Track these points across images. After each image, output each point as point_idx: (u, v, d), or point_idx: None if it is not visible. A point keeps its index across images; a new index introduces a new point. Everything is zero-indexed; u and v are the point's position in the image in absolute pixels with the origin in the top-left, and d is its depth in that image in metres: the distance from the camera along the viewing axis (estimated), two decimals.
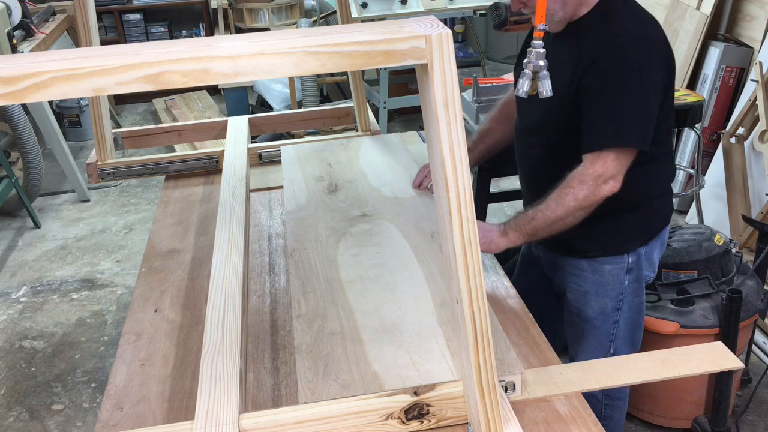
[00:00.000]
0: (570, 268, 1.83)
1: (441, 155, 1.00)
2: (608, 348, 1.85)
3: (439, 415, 1.22)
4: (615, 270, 1.77)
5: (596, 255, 1.77)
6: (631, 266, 1.78)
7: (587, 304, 1.82)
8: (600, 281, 1.78)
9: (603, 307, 1.81)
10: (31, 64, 0.87)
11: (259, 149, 2.41)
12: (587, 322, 1.84)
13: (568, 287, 1.84)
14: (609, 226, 1.72)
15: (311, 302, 1.58)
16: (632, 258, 1.77)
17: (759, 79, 3.26)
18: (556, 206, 1.59)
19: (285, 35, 0.99)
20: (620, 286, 1.79)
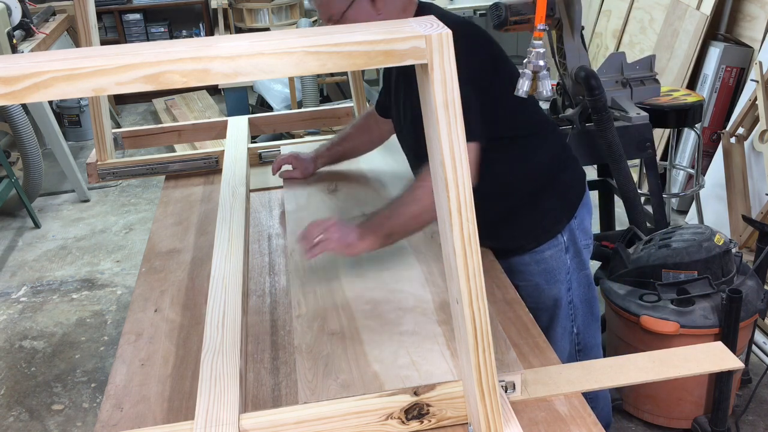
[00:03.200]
0: (516, 267, 1.85)
1: (441, 155, 1.00)
2: (571, 329, 1.90)
3: (439, 415, 1.22)
4: (555, 253, 1.82)
5: (534, 246, 1.82)
6: (568, 244, 1.82)
7: (541, 294, 1.86)
8: (546, 269, 1.82)
9: (556, 292, 1.85)
10: (31, 64, 0.87)
11: (259, 149, 2.41)
12: (546, 311, 1.87)
13: (519, 286, 1.84)
14: (534, 217, 1.79)
15: (311, 302, 1.58)
16: (566, 236, 1.82)
17: (759, 79, 3.26)
18: (411, 202, 1.58)
19: (285, 35, 0.99)
20: (564, 267, 1.84)
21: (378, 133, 2.11)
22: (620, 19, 4.51)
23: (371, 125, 2.09)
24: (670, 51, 3.95)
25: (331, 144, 2.16)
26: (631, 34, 4.41)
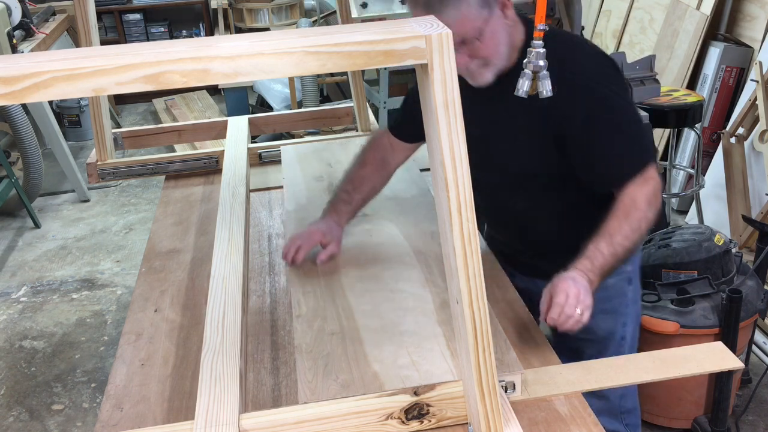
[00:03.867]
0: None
1: (441, 155, 1.00)
2: None
3: (439, 415, 1.22)
4: (618, 283, 1.70)
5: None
6: (631, 275, 1.73)
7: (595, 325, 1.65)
8: (605, 297, 1.61)
9: (611, 325, 1.72)
10: (31, 64, 0.87)
11: (259, 149, 2.41)
12: (595, 344, 1.72)
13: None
14: None
15: (311, 302, 1.58)
16: (631, 267, 1.72)
17: (759, 79, 3.26)
18: (632, 233, 1.45)
19: (285, 35, 0.99)
20: (624, 298, 1.73)
21: (395, 164, 1.85)
22: (620, 19, 4.51)
23: (387, 159, 1.82)
24: (670, 51, 3.94)
25: (347, 196, 1.80)
26: (631, 34, 4.41)
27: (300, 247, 1.70)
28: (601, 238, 1.44)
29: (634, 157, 1.50)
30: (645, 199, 1.47)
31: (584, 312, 1.36)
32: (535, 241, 1.75)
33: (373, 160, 1.81)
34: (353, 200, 1.79)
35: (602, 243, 1.43)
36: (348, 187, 1.79)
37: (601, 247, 1.43)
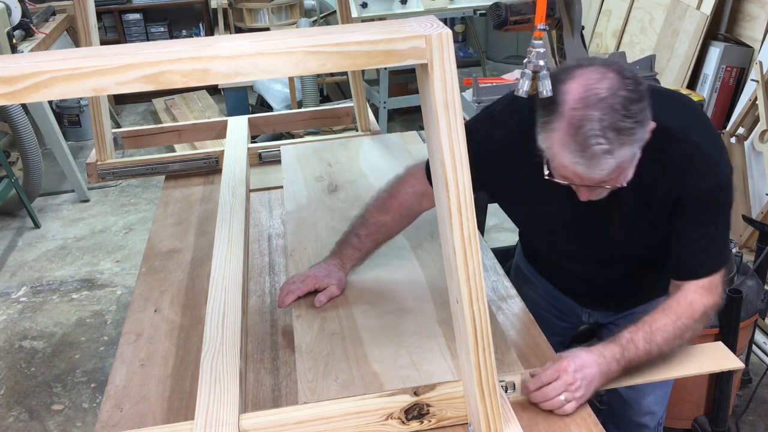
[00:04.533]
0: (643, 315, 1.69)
1: (441, 155, 1.00)
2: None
3: (439, 415, 1.22)
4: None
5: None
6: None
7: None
8: None
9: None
10: (30, 64, 0.87)
11: (259, 149, 2.41)
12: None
13: None
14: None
15: (311, 302, 1.57)
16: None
17: (759, 79, 3.26)
18: (674, 339, 1.34)
19: (285, 35, 0.99)
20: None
21: (421, 212, 1.64)
22: (620, 19, 4.51)
23: (414, 208, 1.62)
24: (670, 51, 3.94)
25: (359, 241, 1.62)
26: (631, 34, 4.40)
27: (290, 292, 1.57)
28: (640, 329, 1.33)
29: (713, 257, 1.39)
30: (702, 310, 1.36)
31: (570, 402, 1.25)
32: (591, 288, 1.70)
33: (398, 208, 1.61)
34: (364, 247, 1.61)
35: (640, 336, 1.32)
36: (362, 232, 1.61)
37: (637, 339, 1.32)
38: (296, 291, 1.57)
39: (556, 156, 1.25)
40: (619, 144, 1.20)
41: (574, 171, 1.24)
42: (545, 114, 1.26)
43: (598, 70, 1.23)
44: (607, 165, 1.22)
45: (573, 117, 1.21)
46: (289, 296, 1.57)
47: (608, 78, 1.21)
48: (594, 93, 1.20)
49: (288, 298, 1.57)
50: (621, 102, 1.19)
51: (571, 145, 1.21)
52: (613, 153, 1.20)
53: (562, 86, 1.24)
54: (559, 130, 1.23)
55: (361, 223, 1.62)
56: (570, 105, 1.22)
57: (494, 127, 1.51)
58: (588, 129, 1.19)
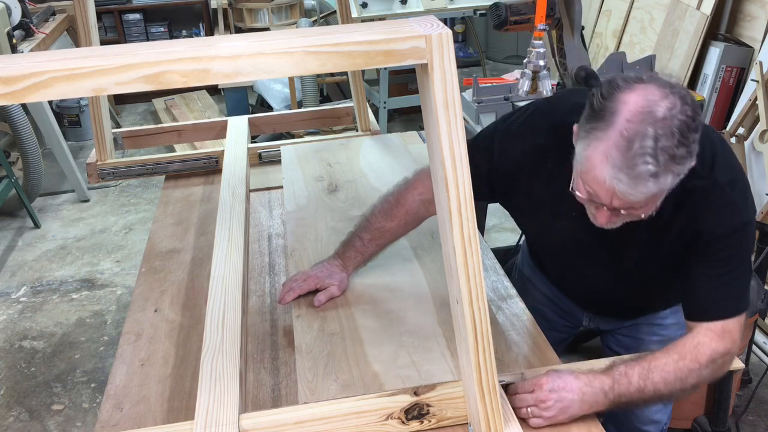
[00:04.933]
0: (647, 327, 1.68)
1: (441, 155, 1.00)
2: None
3: (439, 416, 1.22)
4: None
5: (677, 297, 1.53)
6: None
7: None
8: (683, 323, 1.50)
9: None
10: (30, 64, 0.87)
11: (259, 149, 2.41)
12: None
13: (647, 348, 1.62)
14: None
15: (311, 302, 1.57)
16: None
17: (759, 79, 3.26)
18: (674, 382, 1.27)
19: (285, 35, 0.99)
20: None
21: (427, 217, 1.62)
22: (620, 19, 4.51)
23: (420, 214, 1.60)
24: (670, 51, 3.94)
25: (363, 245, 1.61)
26: (631, 34, 4.40)
27: (291, 290, 1.58)
28: (638, 364, 1.28)
29: (727, 301, 1.32)
30: (709, 355, 1.29)
31: (536, 418, 1.23)
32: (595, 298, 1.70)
33: (403, 215, 1.59)
34: (366, 251, 1.61)
35: (636, 371, 1.27)
36: (365, 236, 1.60)
37: (632, 374, 1.26)
38: (297, 289, 1.58)
39: (595, 167, 1.16)
40: (667, 170, 1.13)
41: (610, 187, 1.15)
42: (593, 120, 1.17)
43: (661, 89, 1.15)
44: (648, 189, 1.14)
45: (627, 129, 1.12)
46: (290, 294, 1.58)
47: (670, 99, 1.13)
48: (654, 110, 1.12)
49: (288, 296, 1.58)
50: (679, 127, 1.12)
51: (617, 159, 1.13)
52: (658, 178, 1.13)
53: (619, 95, 1.15)
54: (607, 140, 1.14)
55: (365, 227, 1.61)
56: (626, 116, 1.13)
57: (513, 143, 1.45)
58: (640, 146, 1.11)
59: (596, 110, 1.16)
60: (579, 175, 1.22)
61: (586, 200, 1.24)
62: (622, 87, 1.16)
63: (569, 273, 1.66)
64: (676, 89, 1.15)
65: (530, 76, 2.13)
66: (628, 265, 1.45)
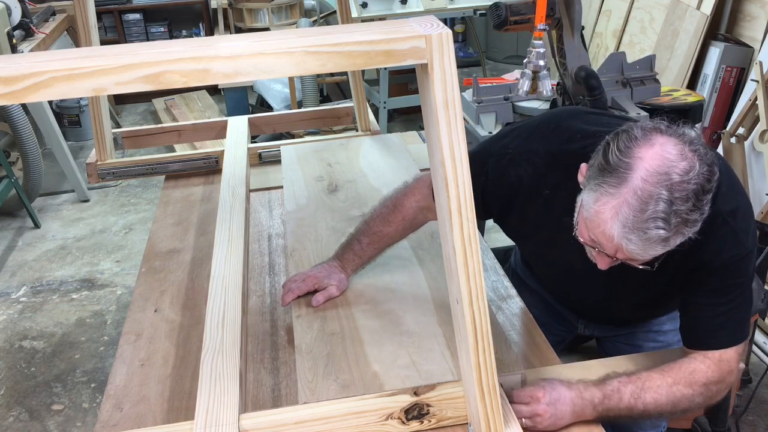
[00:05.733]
0: (645, 334, 1.68)
1: (441, 155, 1.00)
2: None
3: (439, 416, 1.22)
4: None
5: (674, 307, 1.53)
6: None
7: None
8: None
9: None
10: (30, 64, 0.87)
11: (259, 149, 2.41)
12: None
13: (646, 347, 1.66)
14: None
15: (311, 302, 1.57)
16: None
17: (759, 79, 3.26)
18: (666, 404, 1.28)
19: (285, 35, 0.99)
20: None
21: (425, 222, 1.64)
22: (620, 19, 4.51)
23: (418, 219, 1.61)
24: (670, 51, 3.94)
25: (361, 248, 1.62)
26: (631, 34, 4.40)
27: (290, 291, 1.59)
28: (631, 382, 1.27)
29: (725, 331, 1.31)
30: (703, 382, 1.28)
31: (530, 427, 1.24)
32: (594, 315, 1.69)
33: (401, 221, 1.59)
34: (365, 254, 1.62)
35: (629, 389, 1.27)
36: (364, 239, 1.61)
37: (624, 391, 1.26)
38: (296, 290, 1.59)
39: (605, 223, 1.12)
40: (677, 233, 1.11)
41: (618, 244, 1.13)
42: (606, 174, 1.13)
43: (679, 146, 1.11)
44: (656, 251, 1.13)
45: (642, 190, 1.09)
46: (289, 295, 1.58)
47: (688, 158, 1.10)
48: (671, 172, 1.08)
49: (288, 297, 1.58)
50: (695, 191, 1.09)
51: (629, 219, 1.10)
52: (668, 241, 1.11)
53: (636, 150, 1.11)
54: (620, 197, 1.10)
55: (364, 231, 1.62)
56: (642, 174, 1.09)
57: (508, 167, 1.42)
58: (654, 209, 1.08)
59: (611, 163, 1.12)
60: (585, 223, 1.20)
61: (588, 244, 1.23)
62: (639, 140, 1.12)
63: (563, 290, 1.66)
64: (694, 146, 1.12)
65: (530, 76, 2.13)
66: (625, 292, 1.44)
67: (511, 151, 1.43)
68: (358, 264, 1.63)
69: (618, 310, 1.59)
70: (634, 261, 1.19)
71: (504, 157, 1.44)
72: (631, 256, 1.16)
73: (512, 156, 1.43)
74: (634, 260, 1.18)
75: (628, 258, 1.18)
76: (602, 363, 1.39)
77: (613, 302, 1.52)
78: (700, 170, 1.10)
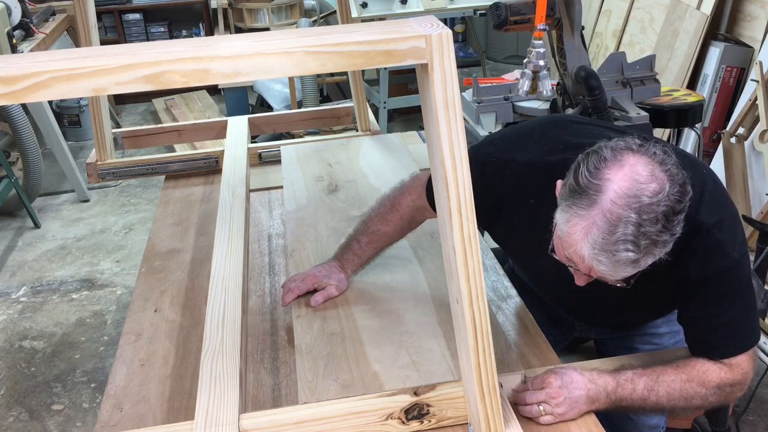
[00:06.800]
0: (641, 338, 1.66)
1: (441, 155, 1.00)
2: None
3: (439, 416, 1.22)
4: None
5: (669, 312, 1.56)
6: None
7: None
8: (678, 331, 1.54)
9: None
10: (30, 64, 0.87)
11: (259, 149, 2.41)
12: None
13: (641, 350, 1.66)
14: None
15: (310, 302, 1.57)
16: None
17: (759, 79, 3.26)
18: (679, 400, 1.28)
19: (285, 35, 0.99)
20: None
21: (422, 221, 1.65)
22: (620, 19, 4.51)
23: (416, 218, 1.62)
24: (670, 51, 3.94)
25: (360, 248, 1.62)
26: (631, 34, 4.40)
27: (290, 291, 1.59)
28: (646, 375, 1.29)
29: (730, 340, 1.30)
30: (717, 382, 1.29)
31: (547, 415, 1.24)
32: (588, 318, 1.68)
33: (398, 220, 1.60)
34: (364, 254, 1.62)
35: (642, 381, 1.28)
36: (362, 239, 1.62)
37: (637, 383, 1.28)
38: (296, 290, 1.59)
39: (575, 244, 1.14)
40: (647, 254, 1.11)
41: (589, 264, 1.14)
42: (576, 195, 1.14)
43: (650, 167, 1.11)
44: (627, 272, 1.14)
45: (610, 213, 1.09)
46: (289, 295, 1.59)
47: (658, 179, 1.10)
48: (641, 194, 1.09)
49: (287, 297, 1.59)
50: (664, 213, 1.09)
51: (598, 242, 1.11)
52: (638, 263, 1.12)
53: (605, 171, 1.12)
54: (589, 219, 1.11)
55: (363, 230, 1.62)
56: (610, 197, 1.10)
57: (492, 177, 1.41)
58: (623, 232, 1.09)
59: (581, 185, 1.13)
60: (559, 242, 1.21)
61: (564, 263, 1.23)
62: (609, 161, 1.12)
63: (555, 296, 1.66)
64: (666, 166, 1.12)
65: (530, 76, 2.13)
66: (616, 301, 1.43)
67: (495, 160, 1.43)
68: (358, 264, 1.63)
69: (611, 316, 1.59)
70: (607, 279, 1.19)
71: (488, 165, 1.43)
72: (602, 276, 1.17)
73: (496, 165, 1.42)
74: (608, 279, 1.18)
75: (601, 277, 1.18)
76: (602, 363, 1.39)
77: (605, 310, 1.53)
78: (670, 191, 1.10)
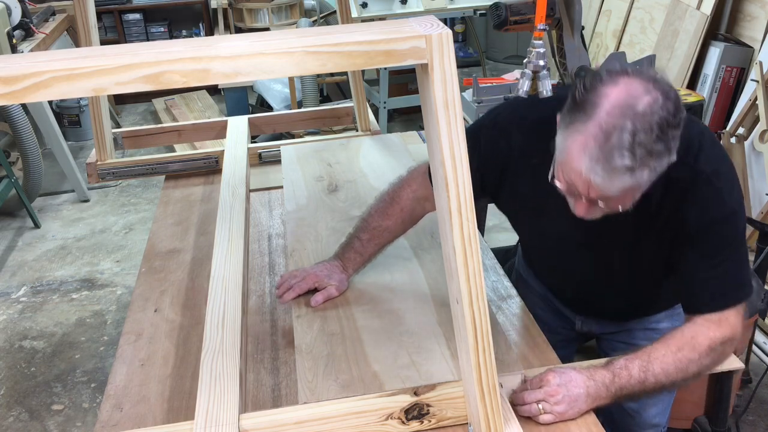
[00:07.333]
0: (642, 332, 1.66)
1: (441, 155, 1.00)
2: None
3: (439, 416, 1.22)
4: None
5: (673, 302, 1.58)
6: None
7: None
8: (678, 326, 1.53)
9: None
10: (30, 64, 0.87)
11: (259, 149, 2.41)
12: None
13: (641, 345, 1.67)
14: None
15: (310, 302, 1.57)
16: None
17: (759, 79, 3.26)
18: (676, 372, 1.28)
19: (285, 35, 0.99)
20: None
21: (424, 214, 1.63)
22: (620, 19, 4.51)
23: (416, 211, 1.60)
24: (670, 51, 3.95)
25: (362, 245, 1.61)
26: (631, 34, 4.41)
27: (291, 289, 1.58)
28: (638, 357, 1.29)
29: (722, 292, 1.31)
30: (707, 344, 1.29)
31: (546, 414, 1.24)
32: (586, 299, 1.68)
33: (399, 213, 1.59)
34: (366, 251, 1.61)
35: (636, 364, 1.28)
36: (363, 236, 1.60)
37: (632, 367, 1.28)
38: (296, 288, 1.58)
39: (573, 159, 1.15)
40: (643, 165, 1.12)
41: (587, 178, 1.15)
42: (574, 112, 1.16)
43: (644, 84, 1.14)
44: (624, 182, 1.14)
45: (606, 123, 1.12)
46: (289, 293, 1.58)
47: (652, 94, 1.13)
48: (634, 104, 1.11)
49: (288, 295, 1.58)
50: (658, 122, 1.11)
51: (594, 152, 1.12)
52: (634, 172, 1.13)
53: (601, 88, 1.15)
54: (586, 132, 1.13)
55: (363, 227, 1.61)
56: (606, 109, 1.12)
57: (499, 136, 1.43)
58: (617, 139, 1.11)
59: (578, 102, 1.16)
60: (558, 165, 1.22)
61: (565, 190, 1.25)
62: (605, 80, 1.15)
63: (558, 274, 1.66)
64: (659, 84, 1.14)
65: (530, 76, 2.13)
66: (616, 265, 1.44)
67: (502, 120, 1.46)
68: (359, 262, 1.62)
69: (611, 296, 1.59)
70: (609, 202, 1.20)
71: (495, 126, 1.46)
72: (601, 192, 1.17)
73: (503, 125, 1.44)
74: (608, 199, 1.19)
75: (601, 197, 1.19)
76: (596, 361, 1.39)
77: (605, 284, 1.53)
78: (664, 104, 1.12)
